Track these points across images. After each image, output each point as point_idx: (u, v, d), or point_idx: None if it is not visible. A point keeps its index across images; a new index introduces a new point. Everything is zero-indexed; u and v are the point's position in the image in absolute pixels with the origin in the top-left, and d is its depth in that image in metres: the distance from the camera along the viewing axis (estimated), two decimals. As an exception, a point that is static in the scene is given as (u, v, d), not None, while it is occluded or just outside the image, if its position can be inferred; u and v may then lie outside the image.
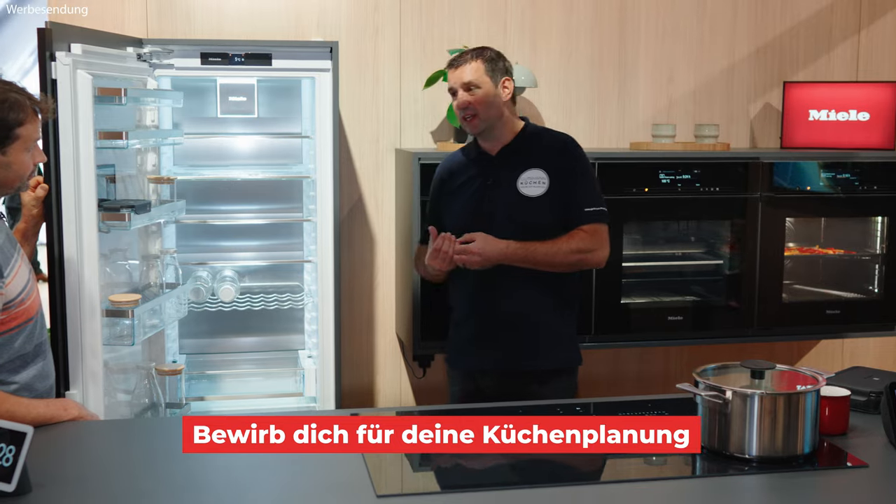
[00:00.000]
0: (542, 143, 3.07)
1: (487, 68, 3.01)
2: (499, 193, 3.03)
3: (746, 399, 2.15)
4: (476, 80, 3.00)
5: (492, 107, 3.02)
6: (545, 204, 3.00)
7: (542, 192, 3.00)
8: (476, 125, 3.04)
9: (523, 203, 2.99)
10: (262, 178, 3.77)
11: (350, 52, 3.99)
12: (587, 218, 2.99)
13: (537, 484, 2.05)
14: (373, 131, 4.10)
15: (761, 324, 4.02)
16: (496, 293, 3.02)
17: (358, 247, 4.13)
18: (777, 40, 4.40)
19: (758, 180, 3.94)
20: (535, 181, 3.01)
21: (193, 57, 3.41)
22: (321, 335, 3.57)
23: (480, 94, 3.00)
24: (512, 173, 3.03)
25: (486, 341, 3.07)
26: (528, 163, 3.03)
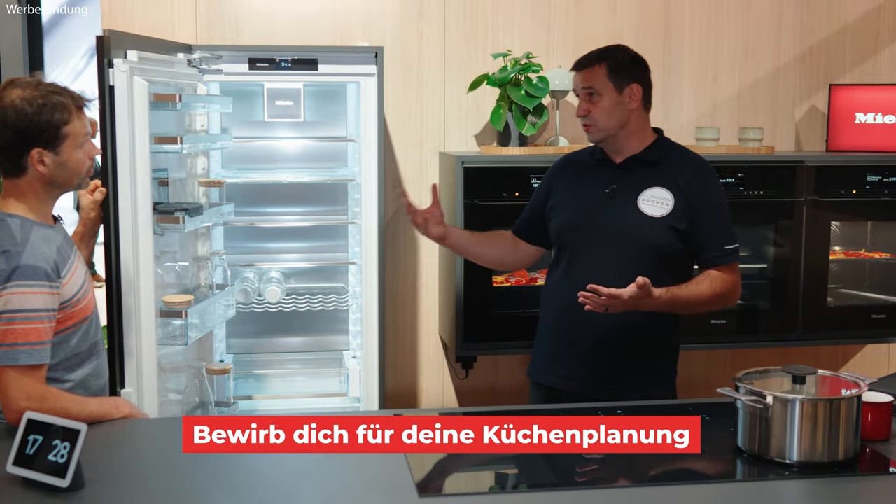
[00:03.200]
0: (673, 161, 2.83)
1: (611, 73, 2.78)
2: (617, 206, 2.81)
3: (787, 404, 2.16)
4: (596, 86, 2.78)
5: (612, 116, 2.78)
6: (665, 226, 2.75)
7: (663, 214, 2.76)
8: (594, 134, 2.83)
9: (641, 221, 2.77)
10: (307, 181, 3.83)
11: (395, 56, 4.04)
12: (727, 258, 2.78)
13: (580, 486, 2.09)
14: (417, 135, 4.14)
15: (806, 328, 4.01)
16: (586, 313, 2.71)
17: (402, 249, 4.18)
18: (823, 43, 4.38)
19: (803, 184, 3.93)
20: (659, 201, 2.77)
21: (241, 63, 3.48)
22: (365, 336, 3.62)
23: (601, 103, 2.78)
24: (634, 187, 2.80)
25: (569, 364, 2.87)
26: (654, 179, 2.79)
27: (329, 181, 3.92)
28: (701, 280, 2.75)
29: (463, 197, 3.72)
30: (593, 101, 2.79)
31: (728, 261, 2.79)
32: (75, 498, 1.93)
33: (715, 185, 2.84)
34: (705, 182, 2.81)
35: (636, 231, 2.77)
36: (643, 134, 2.85)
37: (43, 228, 2.39)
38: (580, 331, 2.83)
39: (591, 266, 2.78)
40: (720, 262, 2.78)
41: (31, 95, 2.34)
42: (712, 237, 2.78)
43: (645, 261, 2.74)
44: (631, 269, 2.68)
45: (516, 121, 3.86)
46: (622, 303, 2.58)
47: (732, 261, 2.80)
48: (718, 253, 2.78)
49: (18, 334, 2.26)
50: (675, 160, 2.85)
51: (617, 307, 2.60)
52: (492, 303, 3.83)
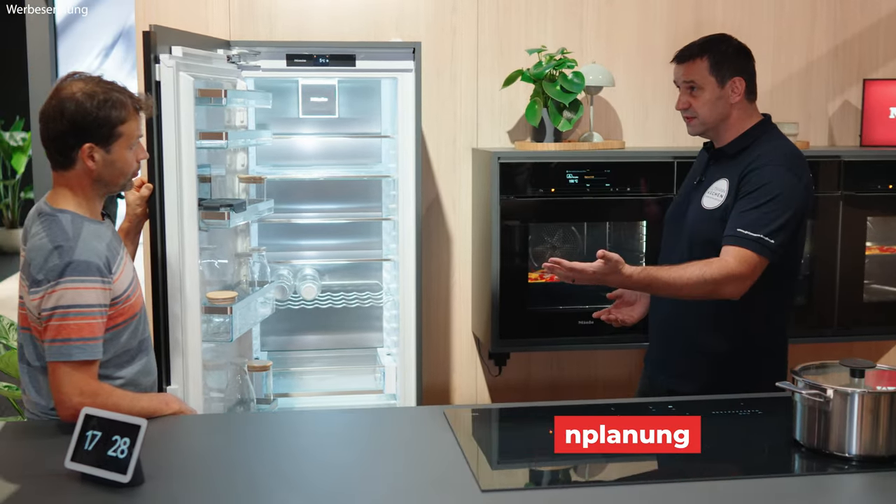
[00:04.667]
0: (750, 152, 2.72)
1: (713, 66, 2.70)
2: (693, 197, 2.79)
3: (847, 397, 2.14)
4: (697, 80, 2.72)
5: (714, 110, 2.72)
6: (716, 218, 2.68)
7: (716, 206, 2.70)
8: (694, 127, 2.79)
9: (700, 215, 2.73)
10: (343, 178, 3.82)
11: (428, 51, 4.02)
12: (735, 240, 2.58)
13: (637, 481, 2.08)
14: (450, 131, 4.13)
15: (841, 323, 3.99)
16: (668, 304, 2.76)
17: (435, 245, 4.17)
18: (857, 37, 4.35)
19: (838, 179, 3.91)
20: (717, 193, 2.71)
21: (279, 59, 3.47)
22: (402, 333, 3.61)
23: (702, 97, 2.72)
24: (710, 179, 2.77)
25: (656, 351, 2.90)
26: (725, 171, 2.73)
27: (364, 177, 3.91)
28: (693, 263, 2.59)
29: (499, 193, 3.70)
30: (694, 94, 2.73)
31: (733, 242, 2.58)
32: (136, 493, 1.93)
33: (773, 171, 2.63)
34: (764, 165, 2.64)
35: (693, 226, 2.75)
36: (742, 125, 2.75)
37: (93, 224, 2.38)
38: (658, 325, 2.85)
39: (669, 257, 2.77)
40: (727, 241, 2.59)
41: (93, 90, 2.34)
42: (735, 216, 2.62)
43: (706, 256, 2.62)
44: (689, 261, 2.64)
45: (552, 116, 3.85)
46: (588, 277, 2.55)
47: (741, 245, 2.57)
48: (729, 232, 2.60)
49: (72, 330, 2.26)
50: (753, 149, 2.71)
51: (583, 280, 2.57)
52: (526, 299, 3.82)
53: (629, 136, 4.24)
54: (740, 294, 2.59)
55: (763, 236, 2.57)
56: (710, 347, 2.77)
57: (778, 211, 2.60)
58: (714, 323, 2.74)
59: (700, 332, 2.77)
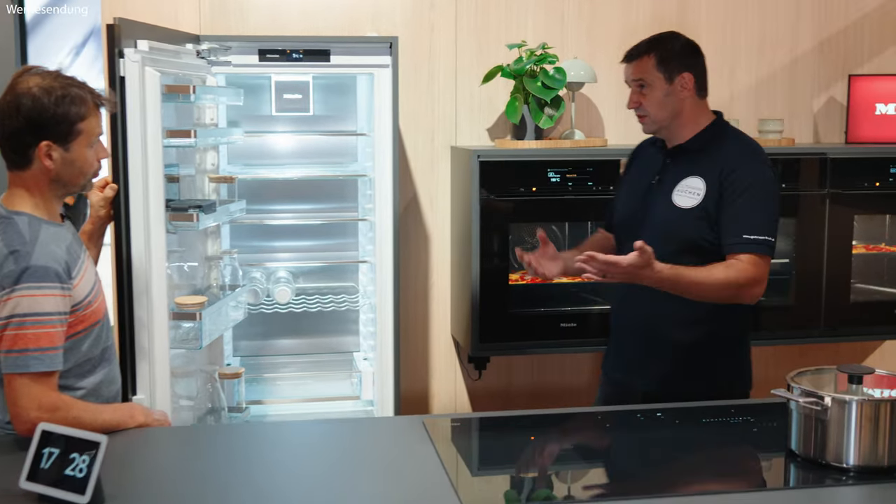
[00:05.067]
0: (717, 149, 2.70)
1: (660, 63, 2.69)
2: (656, 197, 2.73)
3: (845, 405, 2.05)
4: (646, 77, 2.70)
5: (664, 107, 2.70)
6: (695, 217, 2.64)
7: (692, 205, 2.65)
8: (648, 126, 2.77)
9: (673, 214, 2.67)
10: (317, 178, 3.70)
11: (405, 47, 3.91)
12: (744, 246, 2.56)
13: (623, 496, 1.98)
14: (428, 128, 4.02)
15: (828, 324, 3.91)
16: (639, 304, 2.72)
17: (413, 246, 4.06)
18: (841, 33, 4.28)
19: (825, 176, 3.83)
20: (691, 191, 2.66)
21: (251, 54, 3.35)
22: (379, 337, 3.50)
23: (651, 94, 2.70)
24: (675, 176, 2.71)
25: (631, 357, 2.82)
26: (693, 168, 2.68)
27: (340, 177, 3.79)
28: (716, 265, 2.56)
29: (479, 192, 3.60)
30: (644, 92, 2.72)
31: (743, 249, 2.56)
32: (96, 515, 1.81)
33: (753, 169, 2.64)
34: (742, 164, 2.64)
35: (667, 225, 2.68)
36: (697, 122, 2.74)
37: (52, 227, 2.26)
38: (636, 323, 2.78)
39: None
40: (734, 249, 2.57)
41: (50, 85, 2.21)
42: (732, 222, 2.59)
43: (679, 256, 2.59)
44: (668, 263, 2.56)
45: (533, 113, 3.75)
46: (620, 270, 2.44)
47: (751, 251, 2.56)
48: (735, 240, 2.58)
49: (29, 339, 2.14)
50: (720, 146, 2.71)
51: (615, 276, 2.47)
52: (507, 301, 3.71)
53: (611, 134, 4.14)
54: (758, 298, 2.63)
55: (768, 237, 2.59)
56: (691, 349, 2.72)
57: (770, 208, 2.64)
58: (695, 323, 2.70)
59: (681, 333, 2.71)
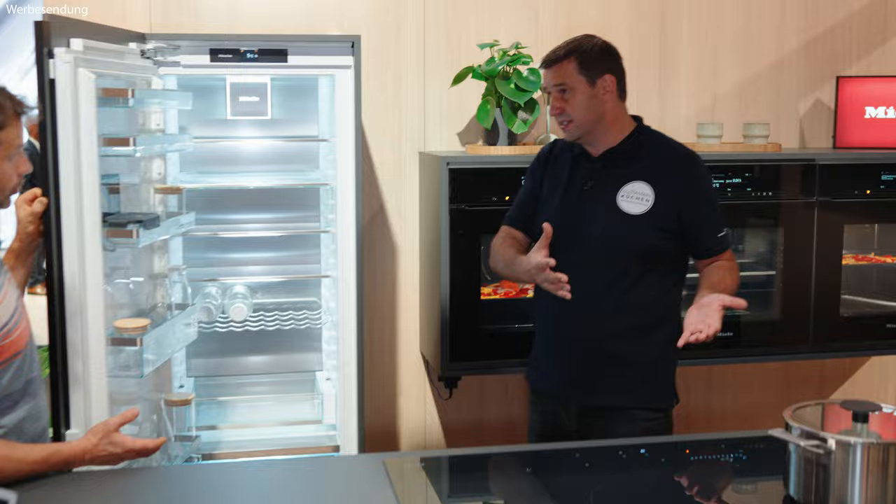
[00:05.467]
0: (653, 153, 2.69)
1: (581, 67, 2.62)
2: (595, 204, 2.65)
3: (850, 448, 1.84)
4: (568, 81, 2.62)
5: (589, 111, 2.63)
6: (647, 226, 2.60)
7: (643, 211, 2.60)
8: (572, 132, 2.67)
9: (621, 220, 2.61)
10: (275, 186, 3.46)
11: (369, 46, 3.68)
12: (724, 246, 2.69)
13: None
14: (394, 133, 3.79)
15: (816, 340, 3.72)
16: (581, 315, 2.64)
17: (379, 258, 3.83)
18: (829, 32, 4.09)
19: (813, 184, 3.64)
20: (639, 197, 2.62)
21: (202, 53, 3.10)
22: (342, 357, 3.27)
23: (574, 99, 2.62)
24: (613, 182, 2.65)
25: (568, 368, 2.72)
26: (634, 173, 2.64)
27: (300, 186, 3.55)
28: (723, 273, 2.63)
29: (448, 202, 3.38)
30: (566, 97, 2.64)
31: (726, 247, 2.70)
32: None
33: (701, 173, 2.70)
34: (690, 170, 2.68)
35: (616, 232, 2.62)
36: (620, 125, 2.69)
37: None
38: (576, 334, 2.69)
39: (572, 274, 2.54)
40: (716, 251, 2.68)
41: None
42: (706, 228, 2.66)
43: (628, 264, 2.62)
44: (613, 273, 2.62)
45: (506, 117, 3.53)
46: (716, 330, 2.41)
47: (728, 246, 2.71)
48: (713, 242, 2.67)
49: (-62, 375, 1.89)
50: (656, 150, 2.70)
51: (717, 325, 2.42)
52: (479, 317, 3.49)
53: (589, 139, 3.93)
54: None
55: (726, 230, 2.71)
56: (639, 358, 2.67)
57: (718, 204, 2.74)
58: (641, 333, 2.66)
59: (628, 345, 2.66)
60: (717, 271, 2.64)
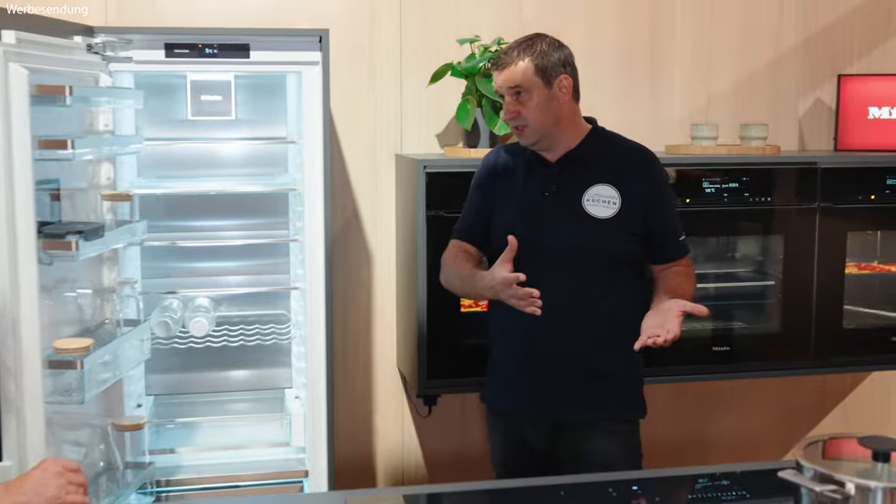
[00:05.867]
0: (614, 154, 2.59)
1: (538, 68, 2.48)
2: (559, 210, 2.54)
3: (870, 494, 1.63)
4: (524, 83, 2.49)
5: (546, 113, 2.50)
6: (617, 230, 2.51)
7: (611, 214, 2.51)
8: (528, 137, 2.54)
9: (589, 225, 2.50)
10: (237, 192, 3.22)
11: (342, 42, 3.45)
12: (684, 250, 2.62)
13: None
14: (369, 135, 3.56)
15: (818, 354, 3.50)
16: (550, 329, 2.51)
17: (353, 268, 3.60)
18: (829, 28, 3.87)
19: (814, 189, 3.42)
20: (605, 200, 2.52)
21: (157, 48, 2.86)
22: (311, 375, 3.04)
23: (530, 102, 2.49)
24: (576, 186, 2.54)
25: (537, 385, 2.59)
26: (597, 176, 2.54)
27: (266, 191, 3.30)
28: (680, 279, 2.57)
29: (425, 208, 3.15)
30: (522, 100, 2.51)
31: (686, 252, 2.64)
32: None
33: (662, 175, 2.63)
34: (653, 172, 2.61)
35: (584, 238, 2.52)
36: (576, 127, 2.59)
37: None
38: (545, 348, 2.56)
39: (538, 284, 2.41)
40: (676, 255, 2.61)
41: None
42: (668, 232, 2.60)
43: (598, 271, 2.53)
44: (583, 282, 2.52)
45: (487, 118, 3.30)
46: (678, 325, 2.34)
47: (687, 252, 2.65)
48: (675, 247, 2.62)
49: None
50: (615, 152, 2.61)
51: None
52: (459, 330, 3.26)
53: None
54: None
55: (684, 235, 2.64)
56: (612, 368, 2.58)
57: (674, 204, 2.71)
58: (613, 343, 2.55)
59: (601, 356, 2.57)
60: (674, 276, 2.57)
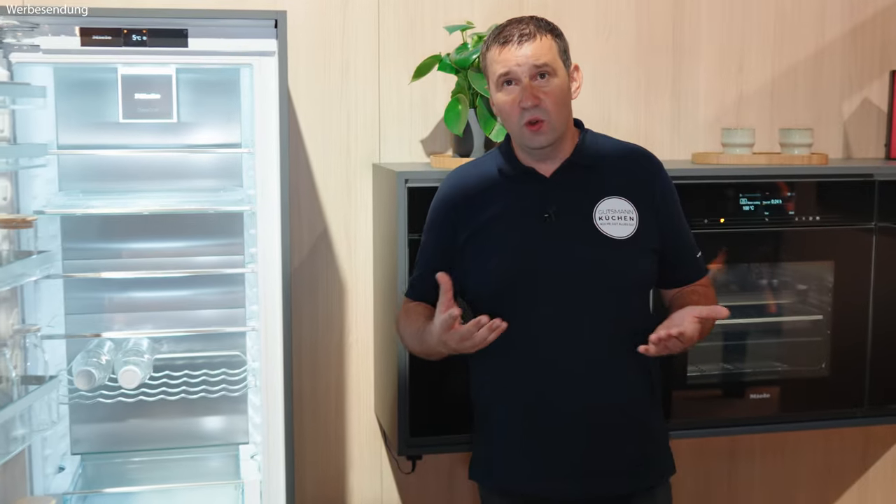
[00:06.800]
0: (611, 160, 2.11)
1: (561, 48, 2.02)
2: (566, 235, 2.03)
3: None
4: (552, 62, 1.99)
5: (565, 107, 2.02)
6: (636, 248, 2.05)
7: (631, 233, 2.04)
8: (545, 134, 2.01)
9: (607, 248, 2.02)
10: (176, 212, 2.67)
11: (309, 30, 2.91)
12: (704, 268, 2.20)
13: None
14: (341, 140, 3.01)
15: (874, 401, 2.96)
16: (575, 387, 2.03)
17: (323, 297, 3.05)
18: (880, 16, 3.33)
19: (871, 206, 2.88)
20: (621, 216, 2.05)
21: (70, 35, 2.30)
22: (265, 435, 2.50)
23: (555, 89, 1.99)
24: (583, 203, 2.05)
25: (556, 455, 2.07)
26: (604, 188, 2.06)
27: (210, 211, 2.72)
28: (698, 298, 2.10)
29: (407, 230, 2.60)
30: (544, 86, 1.99)
31: (706, 271, 2.22)
32: None
33: (670, 181, 2.17)
34: (661, 177, 2.14)
35: (604, 265, 2.03)
36: (573, 132, 2.13)
37: None
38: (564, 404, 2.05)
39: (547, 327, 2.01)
40: (698, 275, 2.19)
41: None
42: (685, 248, 2.18)
43: (624, 305, 2.06)
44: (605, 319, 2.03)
45: (481, 120, 2.74)
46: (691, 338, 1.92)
47: (706, 271, 2.23)
48: (694, 265, 2.19)
49: None
50: (615, 156, 2.13)
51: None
52: (449, 379, 2.70)
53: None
54: None
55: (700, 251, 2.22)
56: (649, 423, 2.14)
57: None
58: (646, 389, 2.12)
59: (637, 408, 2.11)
60: (691, 296, 2.13)
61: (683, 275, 2.17)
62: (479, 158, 2.23)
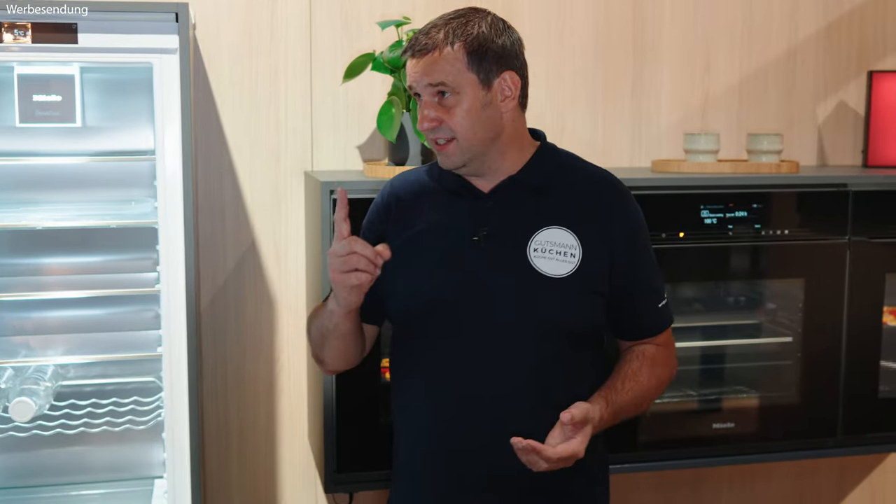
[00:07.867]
0: (572, 183, 1.83)
1: (472, 57, 1.70)
2: (494, 262, 1.76)
3: None
4: (450, 80, 1.70)
5: (480, 124, 1.72)
6: (572, 291, 1.75)
7: (569, 271, 1.75)
8: (452, 156, 1.75)
9: (535, 285, 1.74)
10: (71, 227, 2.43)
11: (232, 24, 2.68)
12: (665, 321, 1.89)
13: None
14: (270, 146, 2.78)
15: (848, 429, 2.73)
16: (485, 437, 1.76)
17: (251, 315, 2.81)
18: (856, 13, 3.11)
19: (844, 218, 2.66)
20: (560, 250, 1.75)
21: (-61, 28, 2.07)
22: (172, 468, 2.27)
23: (459, 106, 1.71)
24: (518, 229, 1.77)
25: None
26: (549, 215, 1.78)
27: (112, 225, 2.47)
28: (636, 368, 1.82)
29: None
30: (447, 103, 1.72)
31: (667, 324, 1.90)
32: None
33: (638, 216, 1.87)
34: (626, 212, 1.84)
35: (532, 307, 1.75)
36: (521, 144, 1.82)
37: None
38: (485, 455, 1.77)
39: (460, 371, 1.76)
40: (657, 328, 1.88)
41: None
42: (645, 296, 1.87)
43: (555, 354, 1.76)
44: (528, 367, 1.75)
45: (417, 126, 2.50)
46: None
47: (668, 324, 1.91)
48: (654, 316, 1.88)
49: None
50: (575, 180, 1.85)
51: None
52: (378, 409, 2.47)
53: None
54: None
55: (666, 299, 1.91)
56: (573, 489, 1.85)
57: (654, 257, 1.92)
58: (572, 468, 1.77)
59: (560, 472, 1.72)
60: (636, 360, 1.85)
61: (635, 326, 1.88)
62: (426, 165, 1.96)
